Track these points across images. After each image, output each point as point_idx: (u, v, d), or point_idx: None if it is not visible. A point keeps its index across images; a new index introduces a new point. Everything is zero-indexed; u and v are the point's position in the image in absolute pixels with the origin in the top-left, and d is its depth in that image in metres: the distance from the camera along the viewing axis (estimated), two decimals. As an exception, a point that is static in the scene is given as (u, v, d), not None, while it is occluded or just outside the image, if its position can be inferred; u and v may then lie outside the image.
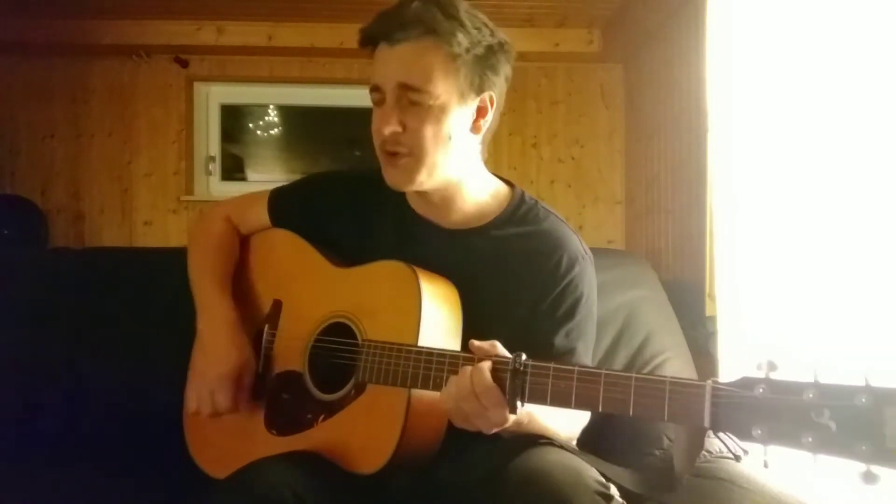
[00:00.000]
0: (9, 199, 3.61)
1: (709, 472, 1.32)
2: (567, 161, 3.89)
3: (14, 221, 3.50)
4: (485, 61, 1.10)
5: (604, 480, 0.94)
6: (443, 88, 1.07)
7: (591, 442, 1.18)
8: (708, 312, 2.07)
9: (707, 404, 0.75)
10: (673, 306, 1.86)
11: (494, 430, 0.94)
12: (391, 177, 1.15)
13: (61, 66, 3.76)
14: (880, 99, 1.37)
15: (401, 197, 1.24)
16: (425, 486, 1.11)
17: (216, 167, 4.00)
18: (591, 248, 1.25)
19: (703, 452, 1.41)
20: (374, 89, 1.12)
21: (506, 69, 1.15)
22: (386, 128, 1.09)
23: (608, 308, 1.67)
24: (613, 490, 0.94)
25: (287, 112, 4.17)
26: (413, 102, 1.08)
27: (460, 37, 1.07)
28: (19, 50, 3.62)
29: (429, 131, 1.09)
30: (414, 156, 1.10)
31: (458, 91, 1.09)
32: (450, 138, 1.11)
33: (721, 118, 2.00)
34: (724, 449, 1.42)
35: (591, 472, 0.95)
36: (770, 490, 1.20)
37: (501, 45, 1.12)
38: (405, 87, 1.07)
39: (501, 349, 0.95)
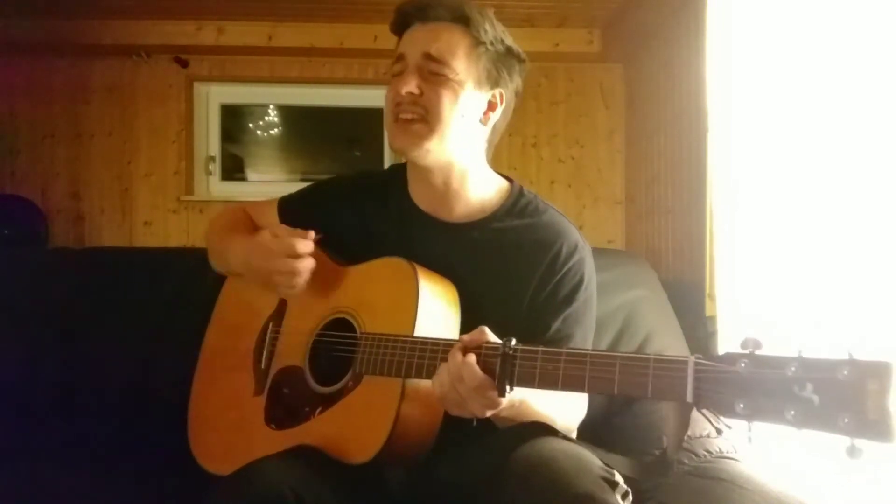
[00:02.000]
0: (9, 199, 3.61)
1: (709, 472, 1.32)
2: (567, 161, 3.89)
3: (14, 221, 3.50)
4: (503, 59, 1.19)
5: (607, 467, 0.94)
6: (463, 67, 1.15)
7: (589, 441, 1.18)
8: (708, 312, 2.07)
9: (690, 380, 0.75)
10: (673, 306, 1.86)
11: (488, 413, 0.95)
12: (400, 140, 1.18)
13: (61, 66, 3.76)
14: (880, 99, 1.37)
15: (404, 193, 1.26)
16: (425, 481, 1.11)
17: (216, 167, 4.00)
18: (591, 249, 1.26)
19: (703, 452, 1.41)
20: (398, 59, 1.18)
21: (518, 80, 1.24)
22: (404, 88, 1.14)
23: (608, 308, 1.67)
24: (618, 476, 0.94)
25: (287, 112, 4.17)
26: (434, 72, 1.14)
27: (487, 28, 1.16)
28: (19, 50, 3.62)
29: (445, 99, 1.14)
30: (426, 122, 1.15)
31: (475, 75, 1.16)
32: (462, 115, 1.17)
33: (721, 118, 2.00)
34: (711, 430, 1.42)
35: (594, 458, 0.95)
36: (770, 490, 1.20)
37: (519, 55, 1.22)
38: (429, 58, 1.14)
39: (490, 335, 0.96)
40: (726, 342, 1.93)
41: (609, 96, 3.85)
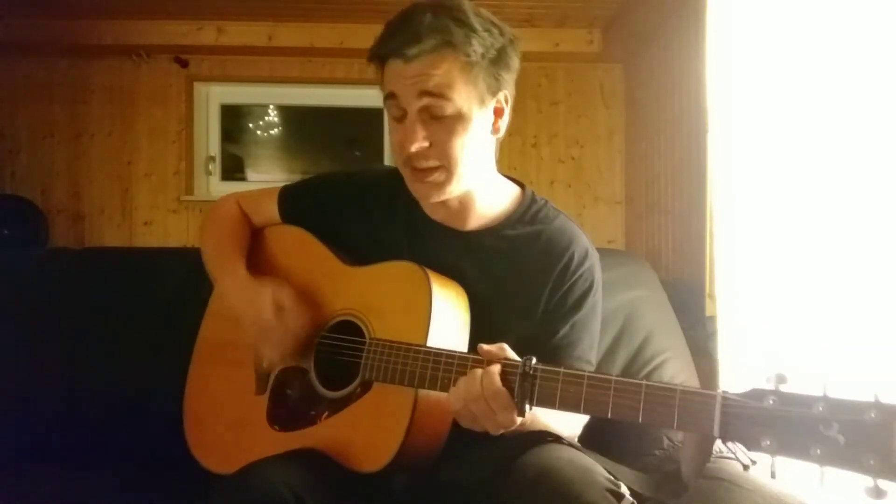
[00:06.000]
0: (9, 199, 3.62)
1: (709, 472, 1.31)
2: (567, 161, 3.90)
3: (14, 221, 3.50)
4: (499, 62, 1.09)
5: (613, 478, 0.94)
6: (464, 97, 1.06)
7: (591, 441, 1.18)
8: (708, 312, 2.07)
9: (717, 414, 0.75)
10: (673, 306, 1.85)
11: (500, 432, 0.94)
12: (421, 190, 1.14)
13: (61, 66, 3.76)
14: (880, 99, 1.37)
15: (412, 201, 1.22)
16: (427, 485, 1.10)
17: (216, 167, 4.01)
18: (592, 249, 1.26)
19: (704, 453, 1.40)
20: (390, 96, 1.09)
21: (516, 63, 1.13)
22: (412, 145, 1.07)
23: (608, 308, 1.66)
24: (624, 488, 0.93)
25: (287, 112, 4.17)
26: (436, 115, 1.06)
27: (475, 44, 1.05)
28: (19, 50, 3.62)
29: (456, 143, 1.08)
30: (445, 168, 1.10)
31: (477, 97, 1.08)
32: (475, 145, 1.11)
33: (721, 118, 2.00)
34: (730, 454, 1.41)
35: (600, 469, 0.94)
36: (770, 490, 1.20)
37: (511, 41, 1.11)
38: (426, 95, 1.05)
39: (510, 352, 0.95)
40: (726, 342, 1.93)
41: (609, 96, 3.86)
